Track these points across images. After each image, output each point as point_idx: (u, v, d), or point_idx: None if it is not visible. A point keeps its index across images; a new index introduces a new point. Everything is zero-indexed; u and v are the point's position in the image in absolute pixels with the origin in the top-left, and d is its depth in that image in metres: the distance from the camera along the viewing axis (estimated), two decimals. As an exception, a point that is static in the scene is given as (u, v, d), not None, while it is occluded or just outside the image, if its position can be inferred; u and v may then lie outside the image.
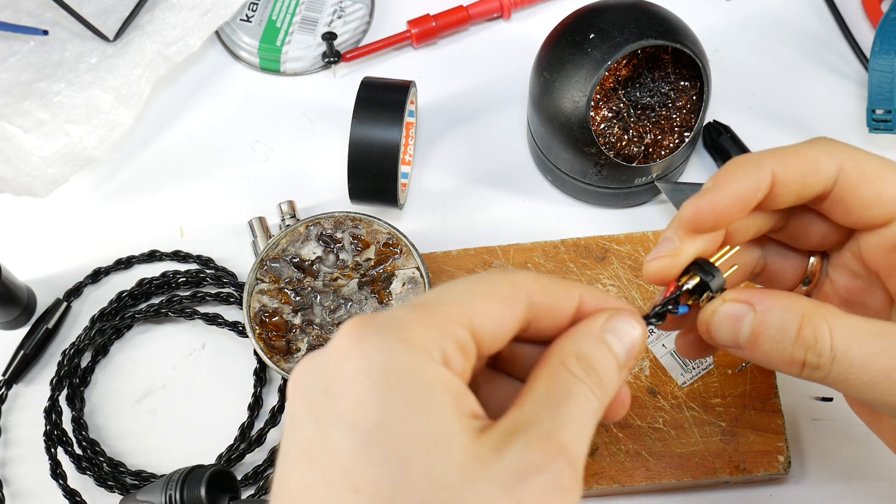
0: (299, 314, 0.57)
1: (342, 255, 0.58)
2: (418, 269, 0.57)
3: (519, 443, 0.32)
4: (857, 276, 0.45)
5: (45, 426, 0.60)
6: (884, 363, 0.38)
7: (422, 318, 0.33)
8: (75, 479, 0.59)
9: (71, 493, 0.58)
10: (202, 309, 0.64)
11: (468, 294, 0.35)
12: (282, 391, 0.61)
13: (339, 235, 0.58)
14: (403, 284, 0.57)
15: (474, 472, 0.31)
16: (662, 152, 0.62)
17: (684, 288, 0.41)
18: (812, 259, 0.46)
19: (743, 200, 0.41)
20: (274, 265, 0.58)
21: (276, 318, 0.56)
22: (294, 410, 0.34)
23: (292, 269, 0.58)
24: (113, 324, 0.63)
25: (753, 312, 0.40)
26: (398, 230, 0.58)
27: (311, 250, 0.58)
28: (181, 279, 0.64)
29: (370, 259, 0.58)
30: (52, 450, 0.59)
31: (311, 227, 0.58)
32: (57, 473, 0.59)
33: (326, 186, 0.68)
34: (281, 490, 0.33)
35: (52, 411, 0.60)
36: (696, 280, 0.40)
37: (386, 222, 0.58)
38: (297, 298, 0.57)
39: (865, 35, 0.72)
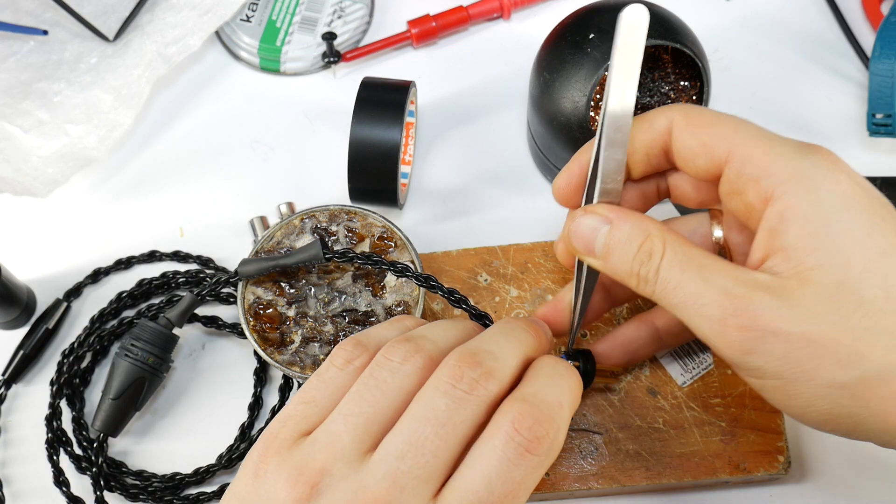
0: (293, 306, 0.57)
1: (337, 248, 0.58)
2: (412, 262, 0.57)
3: None
4: (741, 230, 0.48)
5: (47, 434, 0.59)
6: (694, 290, 0.41)
7: None
8: (78, 487, 0.59)
9: (74, 501, 0.58)
10: (202, 309, 0.64)
11: None
12: (282, 390, 0.61)
13: (333, 228, 0.58)
14: (398, 278, 0.57)
15: None
16: (662, 152, 0.62)
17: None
18: (716, 233, 0.49)
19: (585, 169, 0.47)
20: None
21: (271, 310, 0.57)
22: None
23: None
24: (113, 324, 0.63)
25: (609, 226, 0.44)
26: (393, 224, 0.58)
27: (306, 243, 0.58)
28: (181, 279, 0.64)
29: (365, 252, 0.58)
30: (55, 457, 0.59)
31: (306, 220, 0.59)
32: (60, 481, 0.59)
33: (326, 186, 0.68)
34: None
35: (52, 418, 0.60)
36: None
37: (381, 216, 0.58)
38: (292, 291, 0.57)
39: (866, 36, 0.72)
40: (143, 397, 0.57)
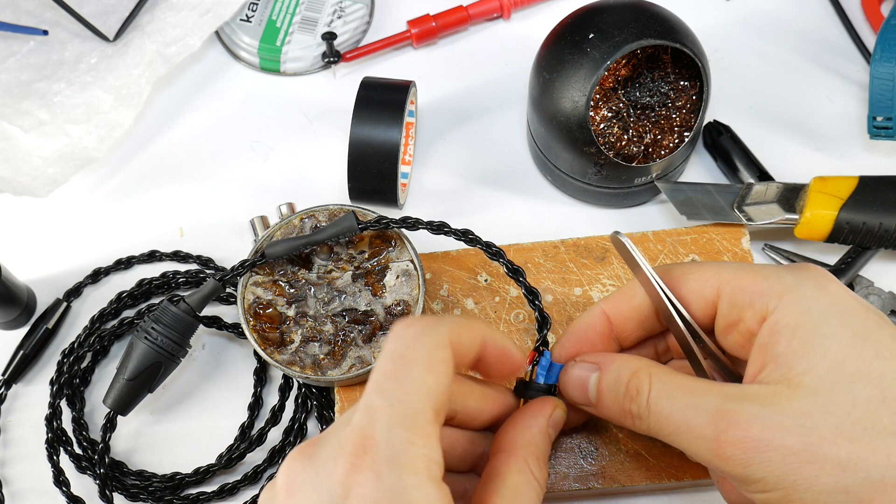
0: (293, 306, 0.57)
1: (336, 248, 0.58)
2: (412, 261, 0.57)
3: None
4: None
5: (47, 434, 0.60)
6: (685, 416, 0.42)
7: (415, 438, 0.37)
8: (78, 487, 0.59)
9: (74, 501, 0.58)
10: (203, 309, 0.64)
11: (428, 383, 0.38)
12: (282, 390, 0.61)
13: None
14: (397, 277, 0.57)
15: None
16: (662, 152, 0.62)
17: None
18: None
19: (583, 344, 0.48)
20: None
21: (270, 309, 0.57)
22: None
23: (286, 261, 0.58)
24: (113, 325, 0.63)
25: (598, 371, 0.46)
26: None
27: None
28: (181, 279, 0.64)
29: (364, 252, 0.58)
30: (55, 457, 0.59)
31: (306, 220, 0.59)
32: (60, 481, 0.59)
33: (326, 187, 0.68)
34: None
35: (52, 419, 0.60)
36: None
37: (380, 216, 0.58)
38: (292, 290, 0.57)
39: (867, 36, 0.72)
40: (157, 380, 0.57)
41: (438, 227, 0.55)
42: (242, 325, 0.56)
